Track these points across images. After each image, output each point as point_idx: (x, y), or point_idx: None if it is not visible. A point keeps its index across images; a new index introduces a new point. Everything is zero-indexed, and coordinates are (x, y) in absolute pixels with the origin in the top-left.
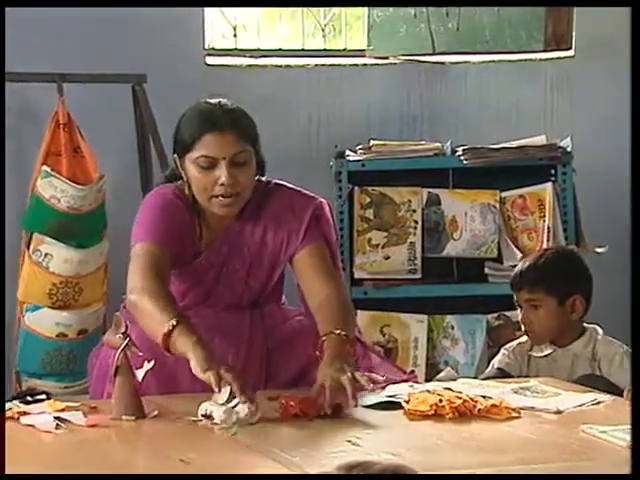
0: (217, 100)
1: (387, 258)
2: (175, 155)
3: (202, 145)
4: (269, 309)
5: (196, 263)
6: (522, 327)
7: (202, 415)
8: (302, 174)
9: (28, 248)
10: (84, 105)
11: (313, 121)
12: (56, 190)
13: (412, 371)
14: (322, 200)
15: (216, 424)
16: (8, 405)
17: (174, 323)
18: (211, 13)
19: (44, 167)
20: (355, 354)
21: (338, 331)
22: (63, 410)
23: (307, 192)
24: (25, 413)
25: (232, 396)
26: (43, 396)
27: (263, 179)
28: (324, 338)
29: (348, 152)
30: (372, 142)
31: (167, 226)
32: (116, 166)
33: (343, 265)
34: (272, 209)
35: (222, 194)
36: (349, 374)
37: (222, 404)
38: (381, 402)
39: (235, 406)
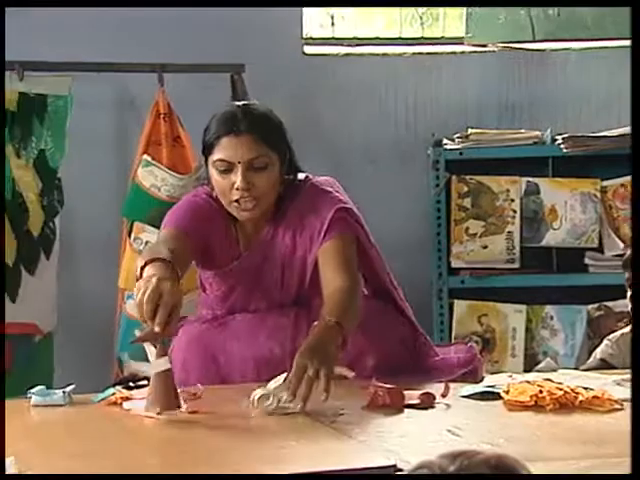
0: (245, 103)
1: (485, 247)
2: (203, 157)
3: (220, 148)
4: (316, 303)
5: (234, 266)
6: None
7: (250, 400)
8: (399, 163)
9: (129, 236)
10: (184, 95)
11: (410, 109)
12: (156, 179)
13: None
14: (347, 206)
15: (255, 407)
16: (111, 390)
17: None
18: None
19: (145, 156)
20: (345, 343)
21: (329, 317)
22: None
23: (337, 195)
24: (127, 398)
25: (286, 384)
26: (145, 382)
27: (302, 177)
28: (314, 324)
29: (446, 140)
30: (470, 130)
31: (194, 221)
32: None
33: (440, 254)
34: (298, 210)
35: (238, 199)
36: (312, 370)
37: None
38: (480, 392)
39: (281, 392)
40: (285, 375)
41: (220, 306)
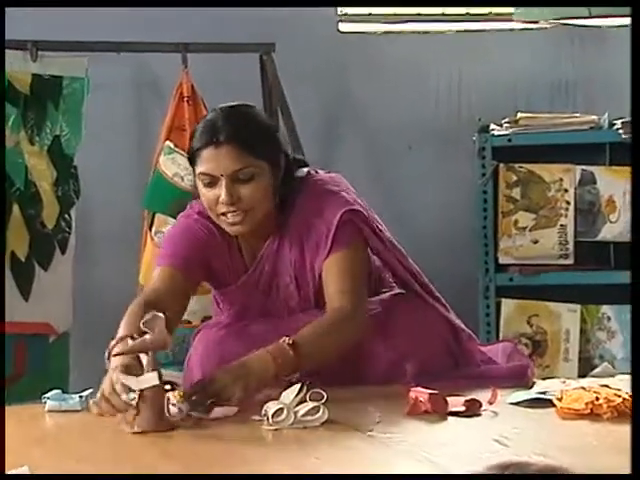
0: (227, 106)
1: (535, 242)
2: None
3: (201, 161)
4: None
5: (241, 283)
6: None
7: (263, 415)
8: (441, 150)
9: (150, 229)
10: (209, 77)
11: (454, 92)
12: (179, 167)
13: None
14: (354, 208)
15: (270, 424)
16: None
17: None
18: None
19: (167, 143)
20: (294, 368)
21: (288, 339)
22: None
23: (343, 195)
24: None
25: (302, 396)
26: (168, 386)
27: (303, 173)
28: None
29: (493, 126)
30: (519, 115)
31: (189, 251)
32: None
33: (487, 249)
34: (302, 215)
35: (225, 212)
36: (229, 388)
37: (288, 403)
38: (530, 399)
39: (297, 405)
40: (299, 385)
41: (235, 320)
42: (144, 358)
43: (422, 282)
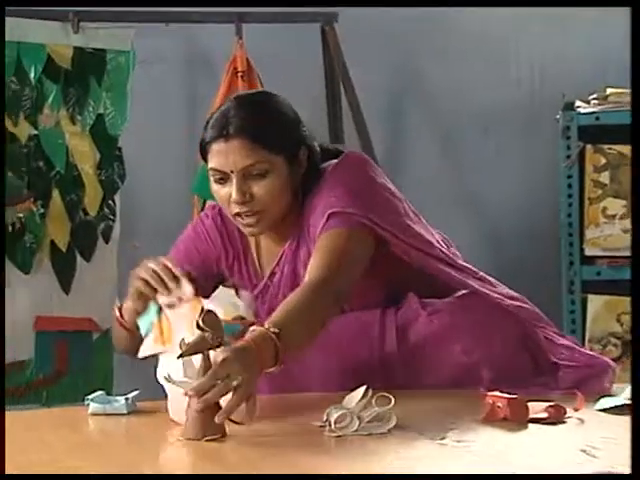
0: (243, 94)
1: (626, 232)
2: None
3: (212, 156)
4: (408, 303)
5: (264, 285)
6: None
7: (325, 420)
8: (522, 129)
9: None
10: (265, 49)
11: (535, 66)
12: None
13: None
14: (347, 211)
15: (332, 430)
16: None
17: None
18: None
19: None
20: (279, 353)
21: (268, 326)
22: None
23: (352, 189)
24: None
25: (367, 400)
26: None
27: (329, 163)
28: (252, 328)
29: (579, 103)
30: (609, 90)
31: (190, 261)
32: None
33: (571, 239)
34: (308, 211)
35: (238, 213)
36: (219, 387)
37: (351, 408)
38: (620, 405)
39: (362, 410)
40: (364, 389)
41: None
42: (198, 359)
43: (481, 277)
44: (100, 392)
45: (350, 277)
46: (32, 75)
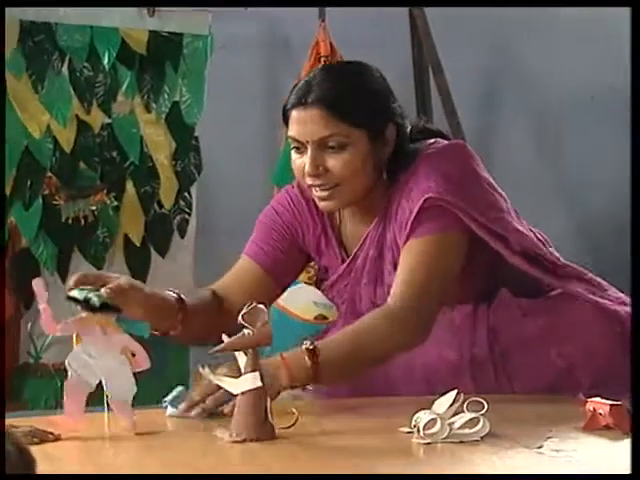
0: (333, 64)
1: None
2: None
3: (291, 123)
4: (500, 300)
5: (344, 271)
6: None
7: (413, 426)
8: (625, 117)
9: None
10: (350, 33)
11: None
12: None
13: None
14: (443, 197)
15: (421, 437)
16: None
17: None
18: None
19: None
20: (310, 379)
21: (308, 344)
22: None
23: (439, 177)
24: None
25: (458, 405)
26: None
27: (424, 143)
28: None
29: None
30: None
31: (270, 243)
32: None
33: None
34: (399, 193)
35: (311, 185)
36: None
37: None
38: None
39: (452, 416)
40: (454, 393)
41: (348, 318)
42: (241, 356)
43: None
44: (178, 389)
45: (439, 295)
46: (106, 61)
